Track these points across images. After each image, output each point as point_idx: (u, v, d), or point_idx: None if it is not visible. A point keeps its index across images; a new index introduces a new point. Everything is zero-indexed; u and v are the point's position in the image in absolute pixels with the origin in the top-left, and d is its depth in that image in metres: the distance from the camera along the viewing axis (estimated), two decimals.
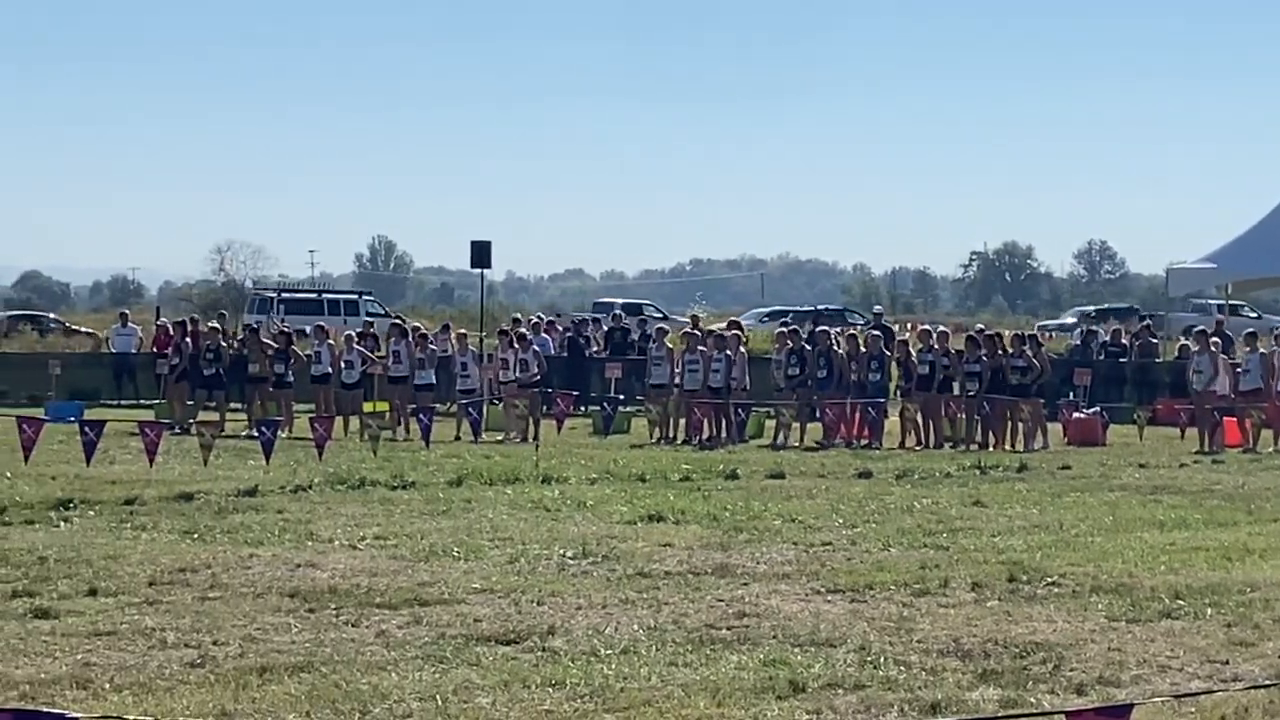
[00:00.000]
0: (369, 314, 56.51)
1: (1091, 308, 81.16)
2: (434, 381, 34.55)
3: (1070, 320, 74.47)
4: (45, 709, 7.81)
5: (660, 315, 67.62)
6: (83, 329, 63.15)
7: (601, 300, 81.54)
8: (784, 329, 36.82)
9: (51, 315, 76.04)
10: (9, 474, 23.45)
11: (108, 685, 10.94)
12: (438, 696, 10.65)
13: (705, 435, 32.44)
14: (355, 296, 67.92)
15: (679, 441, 32.33)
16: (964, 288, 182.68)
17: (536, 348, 35.53)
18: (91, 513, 19.75)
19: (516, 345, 34.80)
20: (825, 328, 37.34)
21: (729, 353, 33.50)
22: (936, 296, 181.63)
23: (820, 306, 73.02)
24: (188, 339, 37.14)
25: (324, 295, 68.89)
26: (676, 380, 33.74)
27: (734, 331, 35.46)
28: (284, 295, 65.93)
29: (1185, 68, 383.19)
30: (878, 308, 57.85)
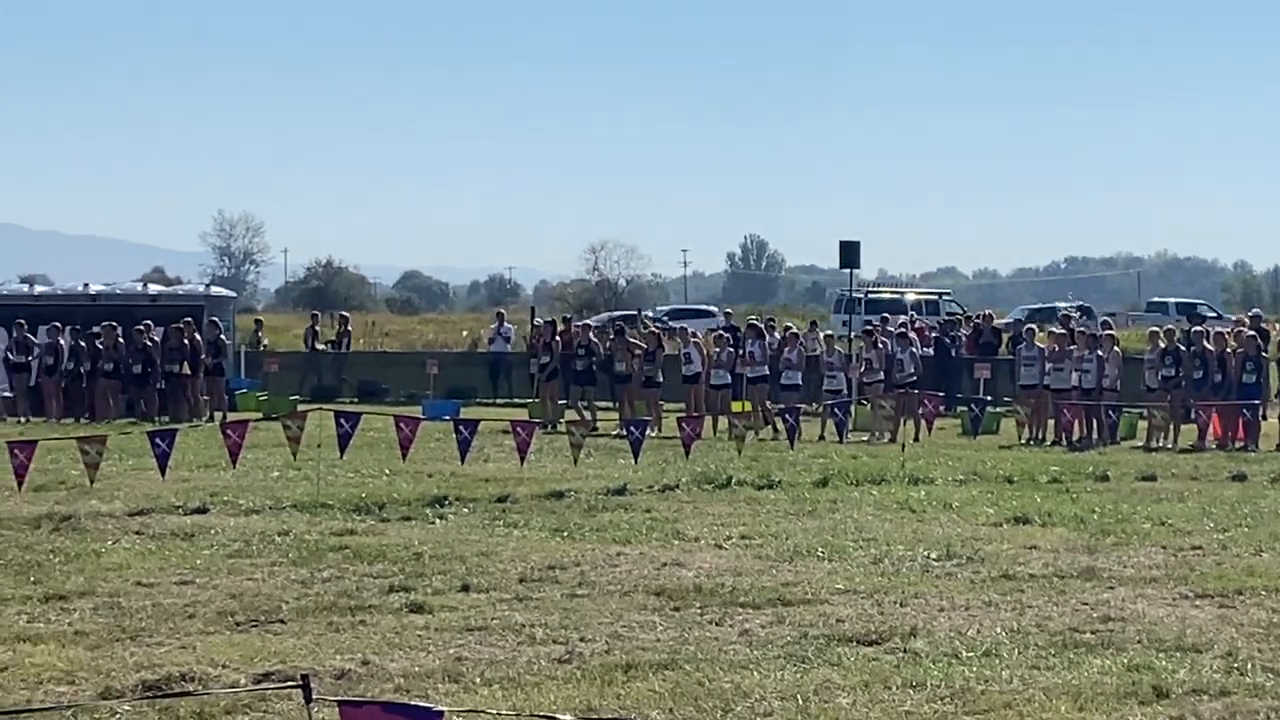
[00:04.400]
0: (948, 314, 56.27)
1: None
2: (800, 383, 34.61)
3: None
4: (417, 702, 8.05)
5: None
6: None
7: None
8: (1157, 329, 36.15)
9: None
10: (387, 471, 24.13)
11: (478, 679, 11.24)
12: (799, 696, 10.74)
13: (1076, 436, 32.01)
14: (936, 296, 67.83)
15: (1049, 443, 31.96)
16: None
17: (914, 349, 35.47)
18: (465, 510, 20.23)
19: (881, 345, 34.74)
20: (1200, 327, 36.53)
21: (1100, 353, 33.02)
22: None
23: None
24: (558, 338, 37.79)
25: (905, 295, 68.60)
26: (1046, 380, 33.34)
27: (1107, 332, 34.92)
28: (869, 295, 65.82)
29: None
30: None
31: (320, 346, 49.07)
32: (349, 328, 51.11)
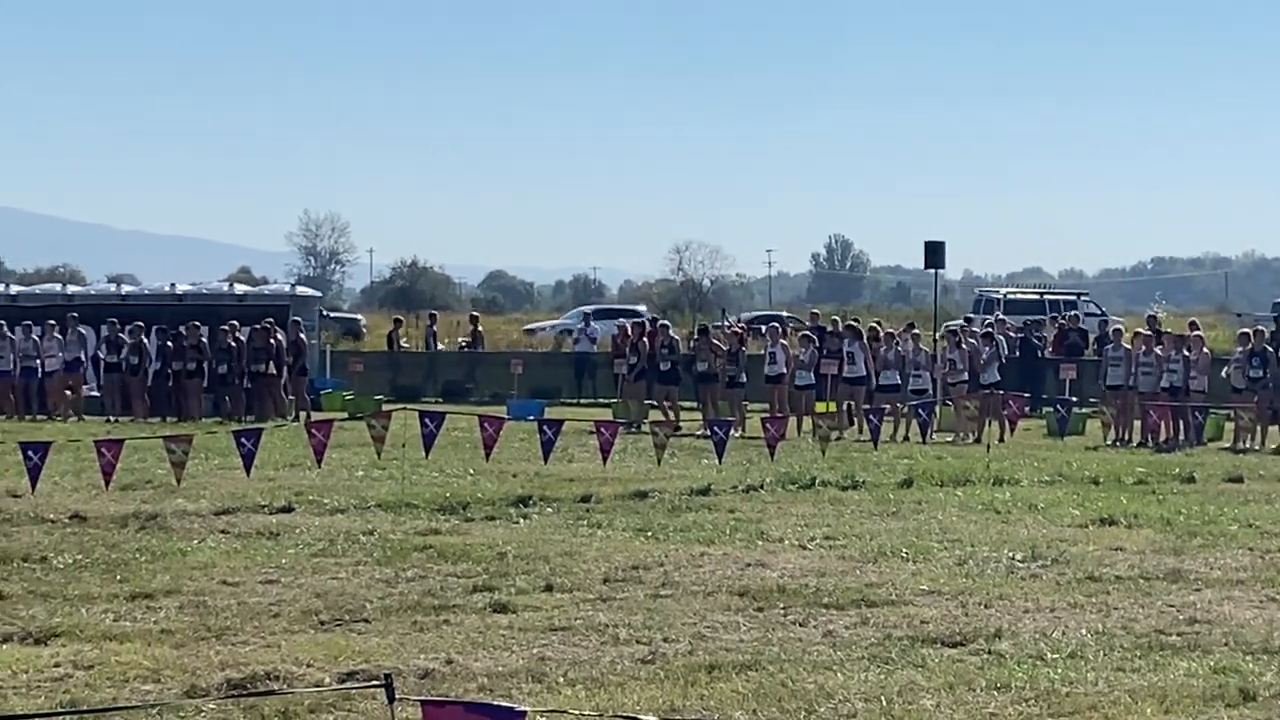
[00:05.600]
0: (1086, 314, 55.88)
1: None
2: (899, 382, 34.48)
3: None
4: (501, 702, 8.07)
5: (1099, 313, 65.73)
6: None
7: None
8: (1245, 329, 35.90)
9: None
10: (471, 471, 24.20)
11: (561, 679, 11.25)
12: (882, 697, 10.71)
13: (1162, 438, 31.80)
14: (1074, 296, 67.13)
15: (1135, 444, 31.76)
16: None
17: (999, 349, 35.36)
18: (549, 510, 20.26)
19: (965, 346, 34.63)
20: None
21: (1188, 353, 32.79)
22: None
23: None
24: (644, 338, 37.81)
25: (1045, 296, 67.86)
26: (1131, 381, 33.14)
27: (1195, 333, 34.68)
28: (1008, 297, 65.24)
29: None
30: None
31: (405, 346, 49.35)
32: (436, 327, 51.35)
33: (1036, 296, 66.20)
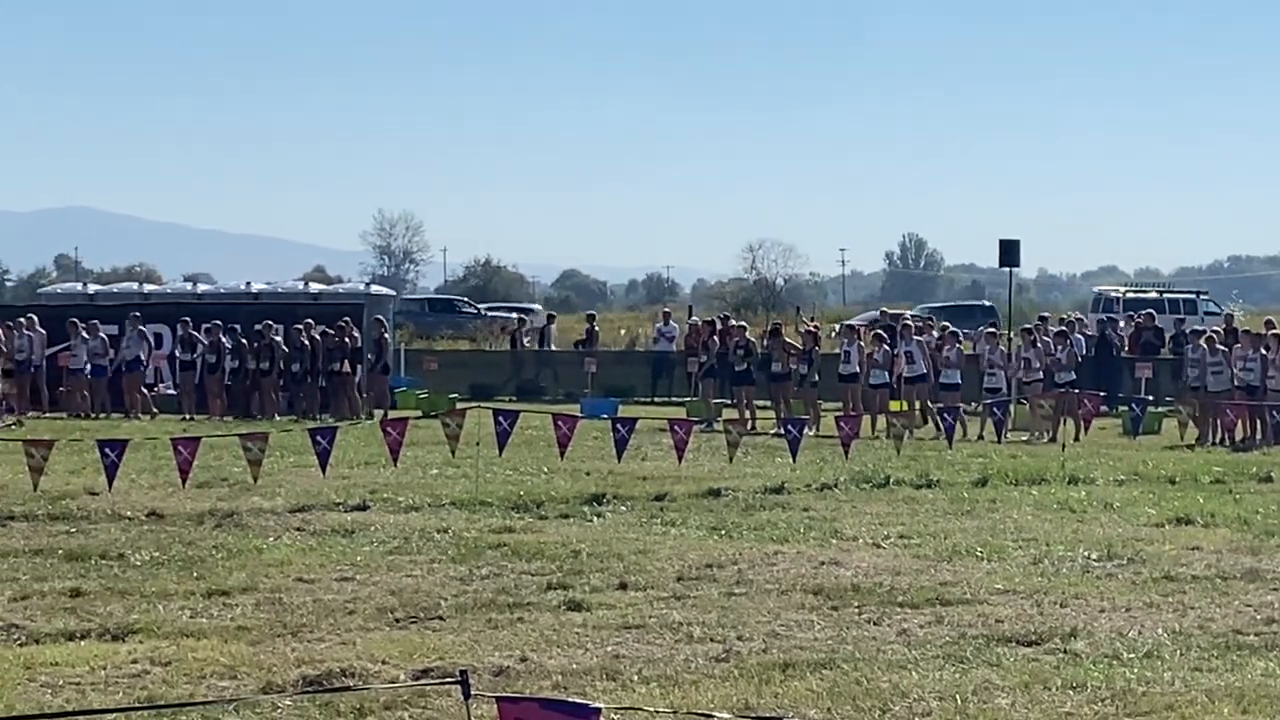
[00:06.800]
0: (1206, 313, 55.44)
1: None
2: (959, 381, 34.36)
3: None
4: (575, 699, 8.08)
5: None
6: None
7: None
8: None
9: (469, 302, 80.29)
10: (545, 469, 24.24)
11: (635, 677, 11.27)
12: (957, 696, 10.68)
13: (1239, 437, 31.57)
14: (1194, 295, 66.49)
15: (1212, 443, 31.55)
16: None
17: (1075, 348, 35.20)
18: (623, 508, 20.27)
19: (1040, 344, 34.49)
20: None
21: (1265, 352, 32.54)
22: None
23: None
24: (716, 337, 37.78)
25: (1164, 295, 67.21)
26: (1208, 380, 32.92)
27: (1272, 331, 34.39)
28: (1127, 296, 64.76)
29: None
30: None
31: (527, 344, 49.69)
32: (553, 326, 51.50)
33: (1156, 295, 65.44)
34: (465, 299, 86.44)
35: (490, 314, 74.14)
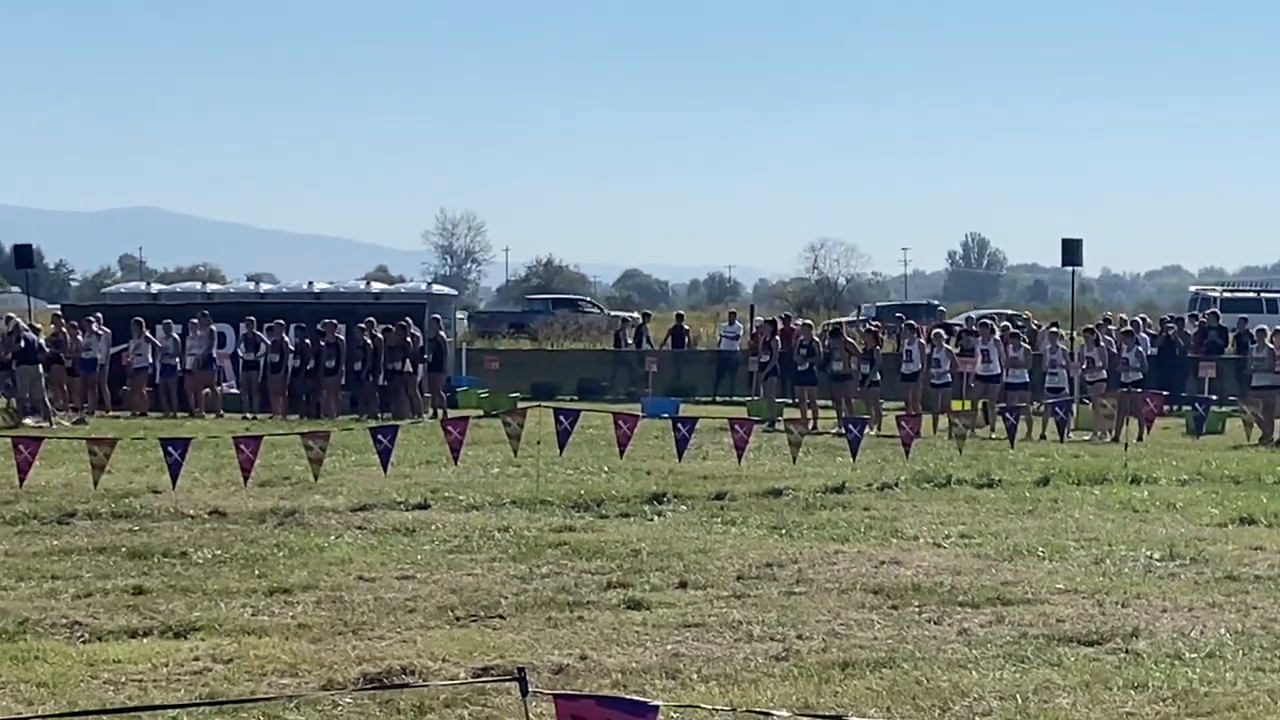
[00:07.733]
0: None
1: None
2: (1027, 380, 34.21)
3: None
4: (634, 696, 8.09)
5: None
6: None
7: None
8: None
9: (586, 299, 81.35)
10: (606, 468, 24.25)
11: (695, 676, 11.26)
12: (1018, 695, 10.64)
13: None
14: None
15: (1276, 443, 31.36)
16: None
17: (1139, 347, 35.04)
18: (684, 507, 20.27)
19: (1103, 343, 34.35)
20: None
21: None
22: None
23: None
24: (778, 336, 37.75)
25: (1263, 294, 66.46)
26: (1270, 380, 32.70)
27: None
28: (1225, 295, 64.18)
29: None
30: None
31: (630, 344, 49.72)
32: (647, 325, 51.48)
33: (1254, 295, 64.77)
34: (589, 298, 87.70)
35: (613, 313, 75.23)
